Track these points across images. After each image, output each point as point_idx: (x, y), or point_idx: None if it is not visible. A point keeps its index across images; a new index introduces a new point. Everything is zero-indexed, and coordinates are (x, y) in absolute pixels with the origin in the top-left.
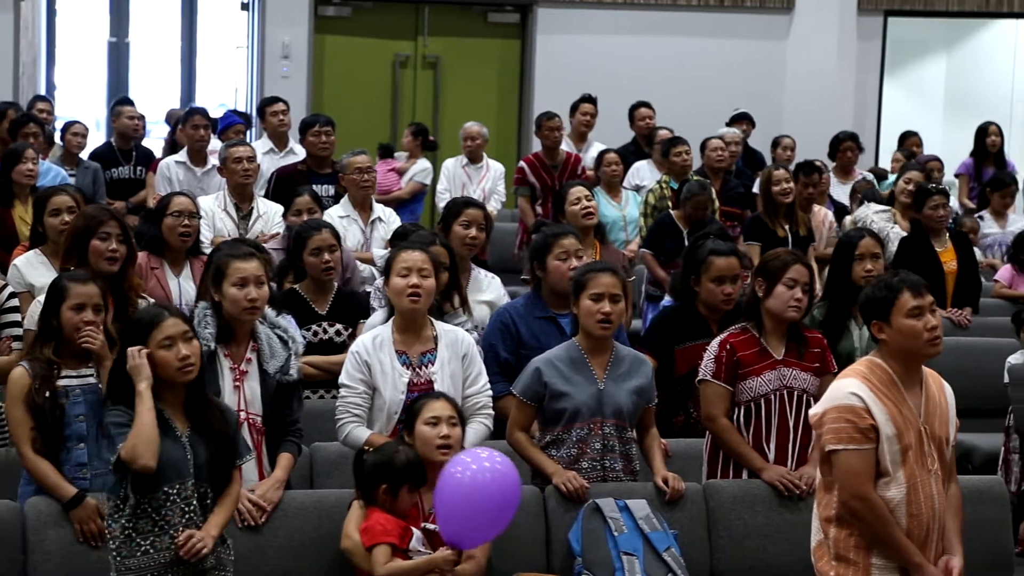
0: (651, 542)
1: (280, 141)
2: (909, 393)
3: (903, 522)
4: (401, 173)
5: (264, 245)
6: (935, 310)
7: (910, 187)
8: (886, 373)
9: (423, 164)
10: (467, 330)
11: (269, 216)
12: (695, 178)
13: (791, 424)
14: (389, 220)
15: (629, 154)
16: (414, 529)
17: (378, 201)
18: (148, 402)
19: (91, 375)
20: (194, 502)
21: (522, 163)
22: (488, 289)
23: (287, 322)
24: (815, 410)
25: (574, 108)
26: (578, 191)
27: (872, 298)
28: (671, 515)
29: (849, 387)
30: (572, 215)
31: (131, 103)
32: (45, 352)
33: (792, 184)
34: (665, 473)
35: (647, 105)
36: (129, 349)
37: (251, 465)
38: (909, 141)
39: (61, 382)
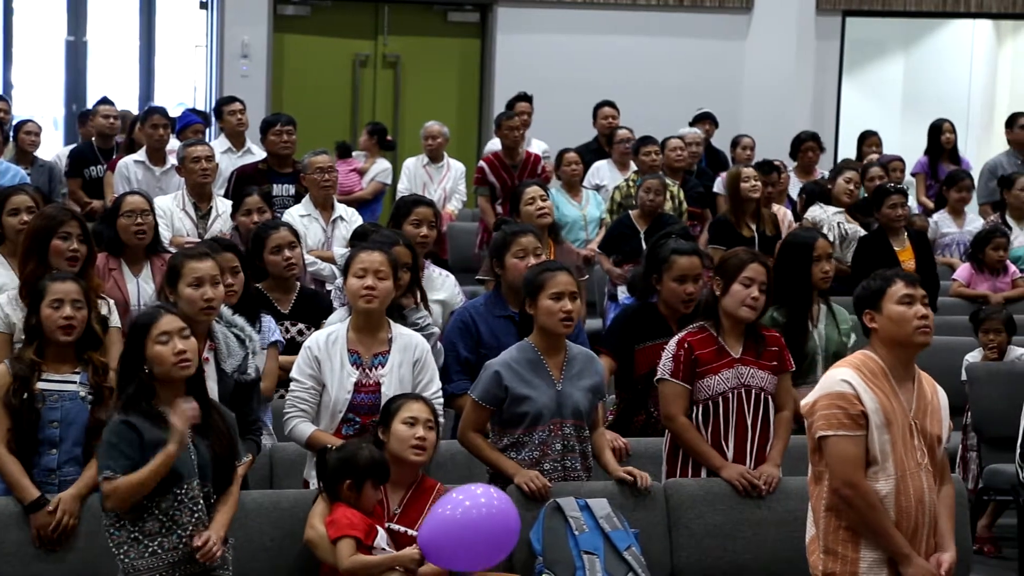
0: (612, 541)
1: (237, 140)
2: (901, 387)
3: (892, 514)
4: (362, 173)
5: None
6: (927, 304)
7: (850, 187)
8: (877, 365)
9: (384, 164)
10: (428, 327)
11: (228, 215)
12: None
13: (749, 422)
14: (351, 219)
15: (590, 153)
16: (379, 528)
17: (340, 201)
18: (164, 464)
19: (75, 379)
20: (200, 502)
21: (482, 163)
22: (442, 288)
23: (245, 321)
24: (807, 400)
25: (510, 107)
26: (533, 191)
27: (866, 288)
28: (632, 514)
29: (840, 375)
30: (527, 215)
31: (110, 103)
32: (27, 353)
33: (759, 182)
34: (622, 472)
35: (611, 104)
36: (183, 406)
37: None
38: (868, 141)
39: (40, 385)
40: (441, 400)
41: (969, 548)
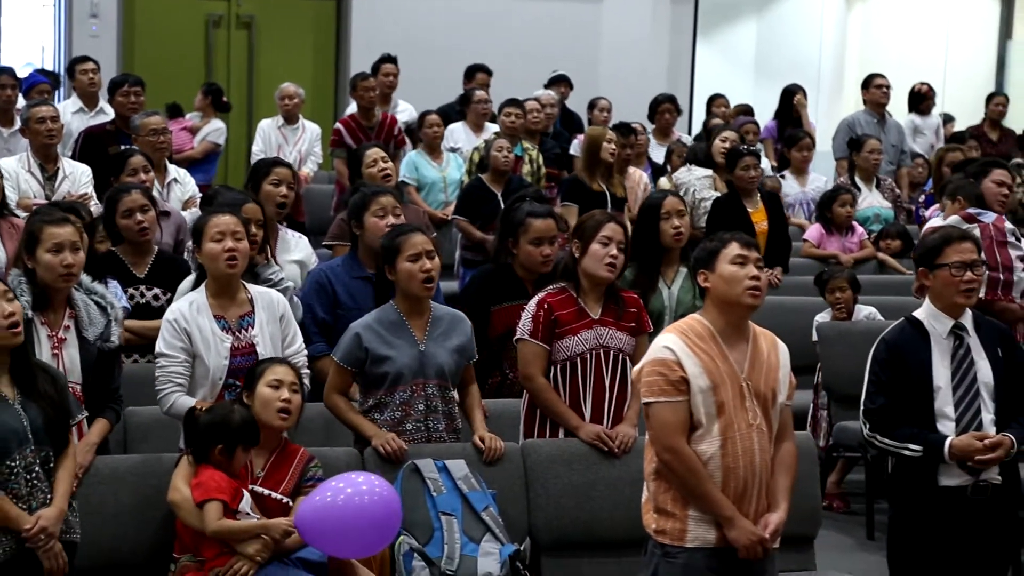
0: (470, 502)
1: (90, 101)
2: (732, 348)
3: (717, 475)
4: (194, 132)
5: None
6: (761, 267)
7: (726, 145)
8: (705, 328)
9: (216, 124)
10: (281, 281)
11: (76, 176)
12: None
13: (607, 383)
14: (185, 181)
15: (454, 114)
16: (244, 491)
17: (169, 160)
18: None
19: None
20: (36, 468)
21: (338, 124)
22: (296, 249)
23: (105, 288)
24: (636, 367)
25: (375, 69)
26: (374, 153)
27: (703, 247)
28: (489, 474)
29: (663, 341)
30: (370, 177)
31: (8, 71)
32: None
33: (618, 145)
34: (483, 432)
35: (485, 70)
36: None
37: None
38: (716, 103)
39: None
40: (306, 354)
41: (819, 505)
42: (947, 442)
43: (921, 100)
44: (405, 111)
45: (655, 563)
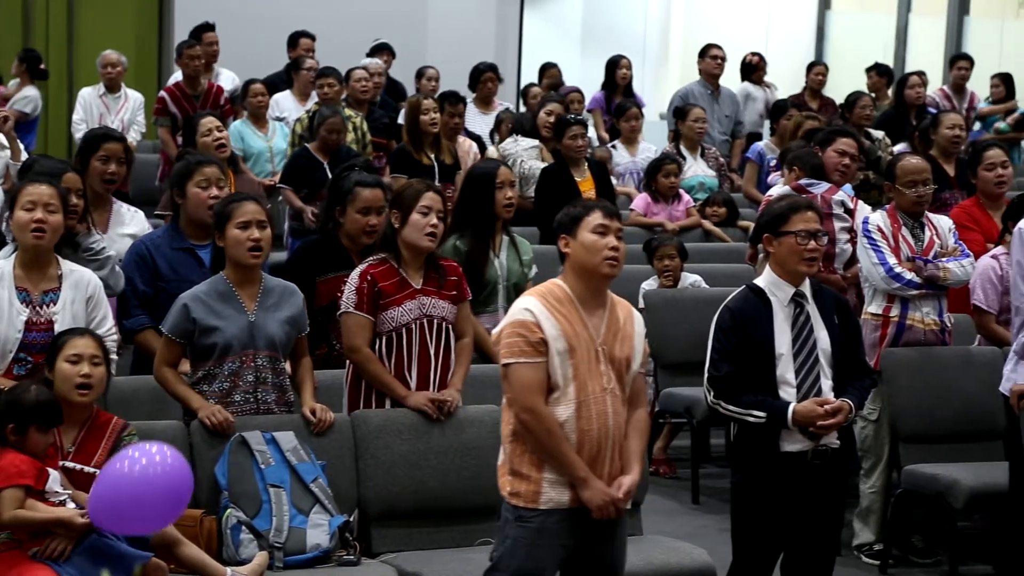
0: (298, 474)
1: None
2: (590, 315)
3: (573, 437)
4: (6, 100)
5: None
6: (621, 238)
7: (551, 119)
8: (563, 292)
9: (28, 92)
10: (103, 250)
11: None
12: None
13: (432, 352)
14: None
15: (281, 83)
16: (51, 469)
17: None
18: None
19: None
20: None
21: (163, 93)
22: (131, 222)
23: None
24: (496, 328)
25: (196, 37)
26: (209, 122)
27: (566, 213)
28: (318, 445)
29: (523, 304)
30: (204, 146)
31: None
32: None
33: (439, 114)
34: (313, 404)
35: (309, 35)
36: None
37: None
38: (548, 73)
39: None
40: (115, 338)
41: (646, 469)
42: (790, 408)
43: (753, 71)
44: (229, 79)
45: (509, 526)
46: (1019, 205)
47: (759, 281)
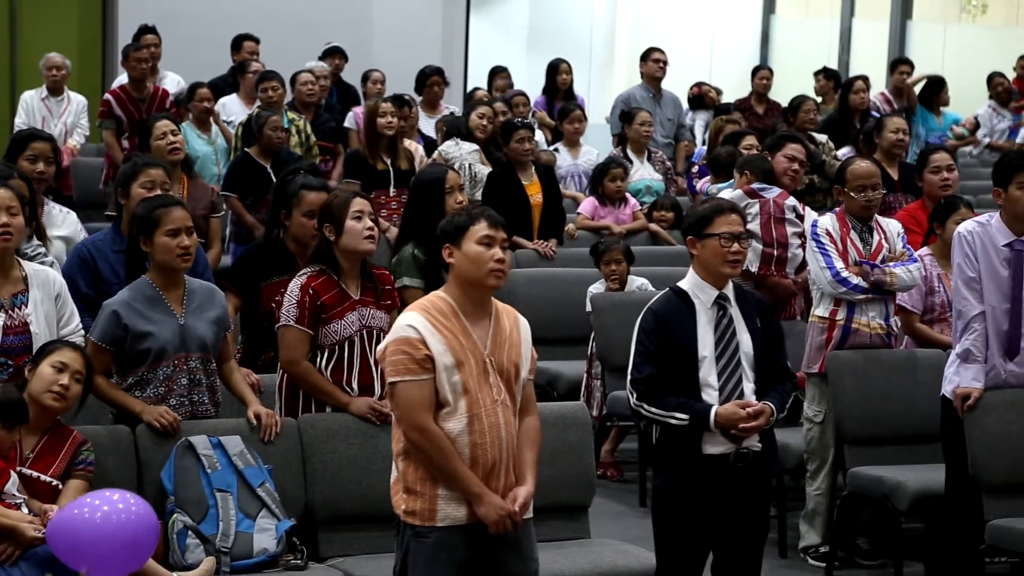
0: (245, 478)
1: None
2: (475, 325)
3: (466, 452)
4: None
5: None
6: (507, 248)
7: (483, 122)
8: (447, 304)
9: None
10: (38, 256)
11: None
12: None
13: (372, 362)
14: None
15: (226, 86)
16: (12, 472)
17: None
18: None
19: None
20: None
21: (108, 96)
22: (64, 224)
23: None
24: (381, 346)
25: (136, 39)
26: (163, 125)
27: (450, 222)
28: (266, 450)
29: (406, 320)
30: (158, 150)
31: None
32: None
33: (396, 118)
34: (258, 408)
35: (253, 39)
36: None
37: None
38: (500, 75)
39: None
40: (83, 334)
41: (593, 473)
42: (712, 411)
43: (700, 102)
44: (174, 82)
45: (406, 544)
46: (945, 207)
47: (683, 283)
